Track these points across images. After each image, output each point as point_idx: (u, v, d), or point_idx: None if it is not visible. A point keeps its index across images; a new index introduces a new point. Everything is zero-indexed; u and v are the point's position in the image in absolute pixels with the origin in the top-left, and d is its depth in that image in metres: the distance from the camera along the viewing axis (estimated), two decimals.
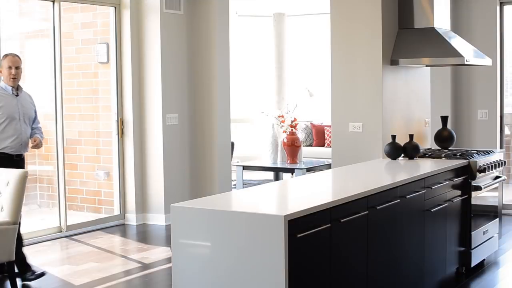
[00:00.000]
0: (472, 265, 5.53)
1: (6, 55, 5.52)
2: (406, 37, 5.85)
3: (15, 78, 5.45)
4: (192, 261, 3.43)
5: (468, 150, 5.96)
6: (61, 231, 7.15)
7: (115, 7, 7.58)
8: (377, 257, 4.06)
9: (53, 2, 7.08)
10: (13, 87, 5.48)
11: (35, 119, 5.72)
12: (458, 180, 5.23)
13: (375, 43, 5.78)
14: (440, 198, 4.94)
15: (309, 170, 7.96)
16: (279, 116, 8.69)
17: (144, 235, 7.23)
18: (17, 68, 5.46)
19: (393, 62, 5.83)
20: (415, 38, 5.81)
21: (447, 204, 5.03)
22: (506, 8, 8.13)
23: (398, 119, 5.99)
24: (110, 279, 5.55)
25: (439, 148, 6.08)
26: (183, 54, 7.80)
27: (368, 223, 3.92)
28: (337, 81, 6.06)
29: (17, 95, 5.51)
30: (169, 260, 5.98)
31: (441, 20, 5.90)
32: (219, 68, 7.83)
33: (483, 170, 5.50)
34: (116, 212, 7.80)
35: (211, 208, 3.48)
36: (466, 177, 5.39)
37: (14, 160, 5.45)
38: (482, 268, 5.74)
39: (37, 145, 5.62)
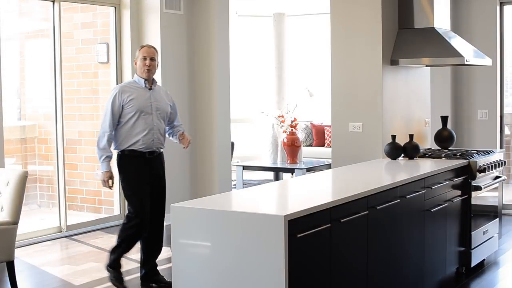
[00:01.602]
0: (472, 265, 5.53)
1: (142, 46, 5.21)
2: (406, 37, 5.85)
3: (149, 69, 5.08)
4: (192, 261, 3.43)
5: (468, 150, 5.96)
6: (61, 231, 7.15)
7: (115, 7, 7.58)
8: (377, 257, 4.06)
9: (53, 2, 7.08)
10: (146, 79, 5.10)
11: (175, 118, 5.35)
12: (458, 180, 5.24)
13: (375, 43, 5.78)
14: (440, 198, 4.94)
15: (309, 170, 7.96)
16: (279, 116, 8.69)
17: None
18: (152, 59, 5.10)
19: (393, 62, 5.83)
20: (415, 38, 5.81)
21: (447, 204, 5.03)
22: (506, 8, 8.13)
23: (398, 119, 5.99)
24: None
25: (439, 148, 6.09)
26: (183, 54, 7.80)
27: (368, 223, 3.92)
28: (337, 81, 6.06)
29: (150, 89, 5.12)
30: (169, 260, 5.97)
31: (441, 20, 5.90)
32: (219, 68, 7.82)
33: (483, 170, 5.50)
34: (116, 212, 7.80)
35: (211, 208, 3.48)
36: (466, 177, 5.39)
37: (147, 158, 5.10)
38: (482, 268, 5.74)
39: (186, 139, 5.28)
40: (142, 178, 5.09)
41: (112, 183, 5.13)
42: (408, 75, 6.14)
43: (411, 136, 5.57)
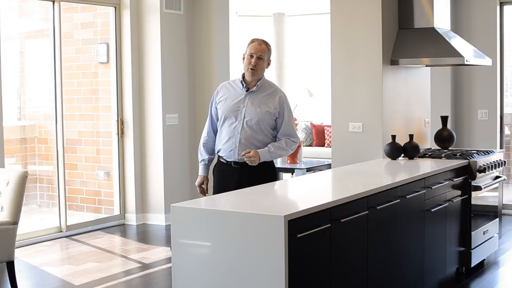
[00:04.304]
0: (472, 265, 5.53)
1: (252, 41, 4.57)
2: (406, 37, 5.85)
3: (253, 69, 4.44)
4: (192, 261, 3.43)
5: (468, 150, 5.96)
6: (61, 231, 7.15)
7: (115, 7, 7.58)
8: (377, 257, 4.05)
9: (53, 2, 7.08)
10: (245, 80, 4.51)
11: (279, 129, 4.56)
12: (458, 180, 5.23)
13: (375, 43, 5.78)
14: (440, 198, 4.94)
15: (309, 170, 7.94)
16: None
17: (144, 235, 7.23)
18: (260, 58, 4.45)
19: (393, 62, 5.83)
20: (415, 38, 5.81)
21: (447, 204, 5.03)
22: (506, 8, 8.13)
23: (398, 119, 5.99)
24: (110, 279, 5.55)
25: (439, 148, 6.08)
26: (183, 54, 7.80)
27: (368, 223, 3.92)
28: (337, 81, 6.06)
29: (247, 91, 4.50)
30: (169, 260, 5.98)
31: (441, 20, 5.90)
32: (219, 68, 7.82)
33: (483, 170, 5.50)
34: (116, 212, 7.80)
35: (211, 208, 3.48)
36: (466, 177, 5.39)
37: (233, 168, 4.50)
38: (482, 268, 5.74)
39: (249, 158, 4.40)
40: (224, 188, 4.38)
41: (206, 189, 4.67)
42: (408, 75, 6.14)
43: (411, 136, 5.57)
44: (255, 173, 4.48)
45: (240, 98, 4.50)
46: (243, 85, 4.51)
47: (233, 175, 4.51)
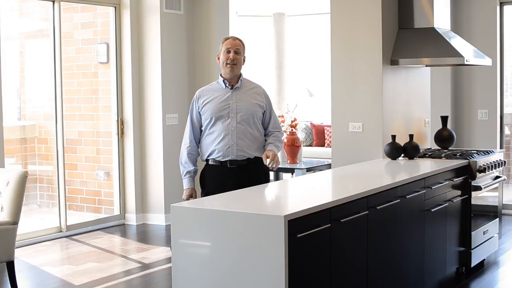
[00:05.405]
0: (472, 265, 5.53)
1: (226, 38, 4.56)
2: (406, 37, 5.85)
3: (233, 64, 4.45)
4: (192, 261, 3.43)
5: (468, 150, 5.96)
6: (61, 231, 7.15)
7: (115, 7, 7.58)
8: (377, 257, 4.06)
9: (53, 2, 7.08)
10: (226, 79, 4.50)
11: (269, 122, 4.59)
12: (458, 180, 5.23)
13: (375, 43, 5.78)
14: (440, 198, 4.94)
15: (309, 170, 7.94)
16: (279, 116, 8.68)
17: (144, 235, 7.23)
18: (237, 53, 4.46)
19: (393, 62, 5.83)
20: (415, 38, 5.81)
21: (447, 204, 5.03)
22: (506, 8, 8.13)
23: (398, 119, 5.99)
24: (110, 279, 5.55)
25: (439, 148, 6.09)
26: (183, 54, 7.80)
27: (368, 223, 3.92)
28: (337, 81, 6.06)
29: (231, 88, 4.49)
30: (169, 260, 5.98)
31: (441, 20, 5.90)
32: (219, 68, 7.76)
33: (483, 170, 5.50)
34: (116, 212, 7.80)
35: (211, 208, 3.48)
36: (466, 177, 5.39)
37: (229, 169, 4.40)
38: (482, 268, 5.74)
39: (274, 162, 4.34)
40: (222, 191, 4.12)
41: None
42: (408, 75, 6.14)
43: (411, 136, 5.57)
44: (251, 173, 4.45)
45: (227, 96, 4.48)
46: (225, 84, 4.50)
47: (229, 177, 4.41)
